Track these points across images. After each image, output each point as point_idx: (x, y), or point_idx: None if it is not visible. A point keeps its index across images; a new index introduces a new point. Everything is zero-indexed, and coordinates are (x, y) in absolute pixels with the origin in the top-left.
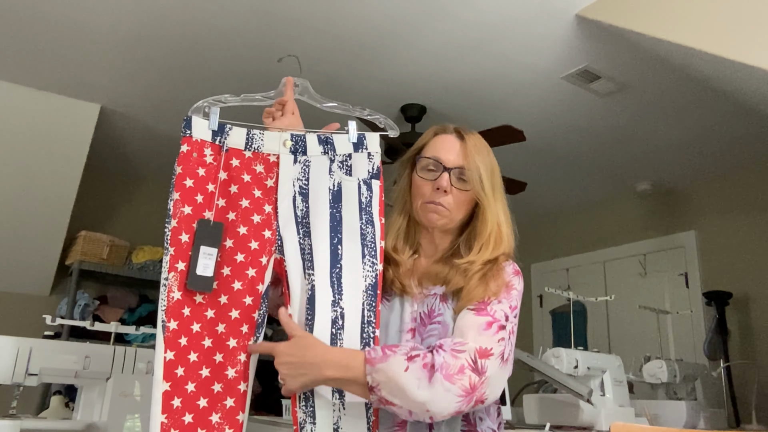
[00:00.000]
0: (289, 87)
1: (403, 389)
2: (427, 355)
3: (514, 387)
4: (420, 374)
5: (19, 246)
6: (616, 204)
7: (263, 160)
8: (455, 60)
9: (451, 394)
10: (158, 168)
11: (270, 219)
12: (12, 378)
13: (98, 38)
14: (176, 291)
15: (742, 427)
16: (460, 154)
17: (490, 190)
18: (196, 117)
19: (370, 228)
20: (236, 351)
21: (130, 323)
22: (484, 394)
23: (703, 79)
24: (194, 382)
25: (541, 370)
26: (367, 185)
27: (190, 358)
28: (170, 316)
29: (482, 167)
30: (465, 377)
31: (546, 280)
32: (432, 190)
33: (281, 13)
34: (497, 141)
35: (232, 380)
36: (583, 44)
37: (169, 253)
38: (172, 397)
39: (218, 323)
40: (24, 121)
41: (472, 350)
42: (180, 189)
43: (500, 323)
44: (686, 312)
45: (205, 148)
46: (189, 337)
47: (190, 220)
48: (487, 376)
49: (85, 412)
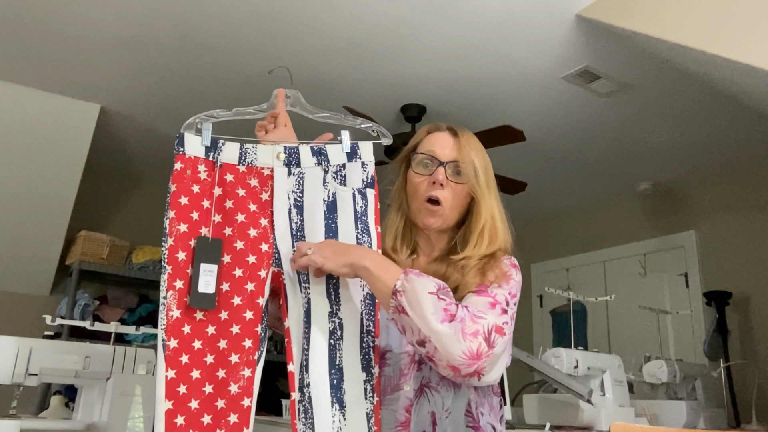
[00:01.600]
0: (281, 99)
1: (421, 307)
2: (452, 304)
3: (514, 387)
4: (439, 309)
5: (19, 246)
6: (616, 204)
7: (257, 174)
8: (455, 60)
9: (459, 347)
10: (158, 168)
11: (266, 232)
12: (12, 378)
13: (98, 38)
14: (175, 309)
15: (742, 427)
16: (454, 149)
17: (484, 184)
18: (188, 134)
19: (366, 237)
20: (239, 366)
21: (130, 323)
22: (485, 368)
23: (704, 79)
24: (197, 399)
25: (541, 370)
26: (362, 194)
27: (192, 375)
28: (170, 335)
29: (477, 161)
30: (476, 342)
31: (546, 280)
32: (428, 185)
33: (281, 13)
34: (497, 141)
35: (235, 396)
36: (583, 44)
37: (166, 272)
38: (175, 416)
39: (220, 339)
40: (24, 121)
41: (491, 323)
42: (175, 207)
43: (502, 306)
44: (686, 312)
45: (198, 165)
46: (190, 355)
47: (186, 238)
48: (494, 351)
49: (85, 412)
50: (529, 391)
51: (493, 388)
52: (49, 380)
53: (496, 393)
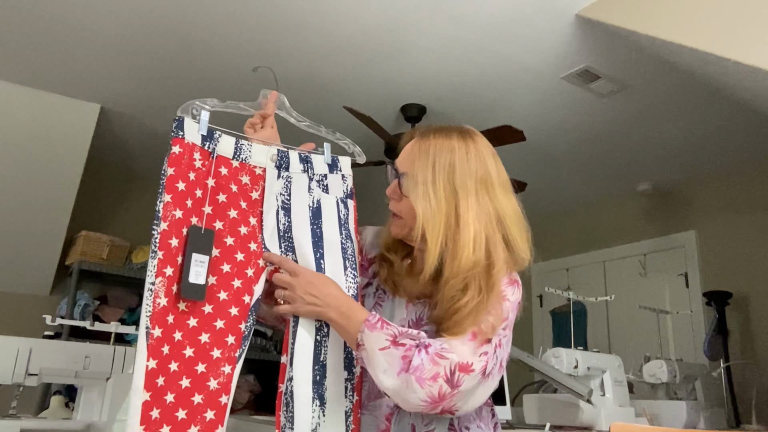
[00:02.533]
0: (272, 101)
1: (373, 365)
2: (412, 349)
3: (514, 387)
4: (393, 362)
5: (19, 246)
6: (616, 204)
7: (249, 172)
8: (455, 60)
9: (416, 396)
10: (158, 168)
11: (255, 232)
12: (12, 378)
13: (98, 38)
14: (162, 297)
15: (742, 427)
16: (406, 158)
17: (431, 192)
18: (188, 119)
19: (349, 243)
20: (220, 362)
21: (130, 323)
22: (454, 406)
23: (703, 79)
24: (173, 392)
25: (541, 370)
26: (344, 203)
27: (170, 367)
28: (155, 323)
29: (419, 167)
30: (436, 386)
31: (546, 280)
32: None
33: (281, 13)
34: (497, 141)
35: (213, 392)
36: (583, 44)
37: (157, 257)
38: (151, 408)
39: (201, 332)
40: (24, 121)
41: (454, 363)
42: (172, 191)
43: (486, 336)
44: (686, 312)
45: (194, 152)
46: (171, 346)
47: (180, 225)
48: (460, 390)
49: (85, 412)
50: (529, 391)
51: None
52: (49, 380)
53: (487, 403)
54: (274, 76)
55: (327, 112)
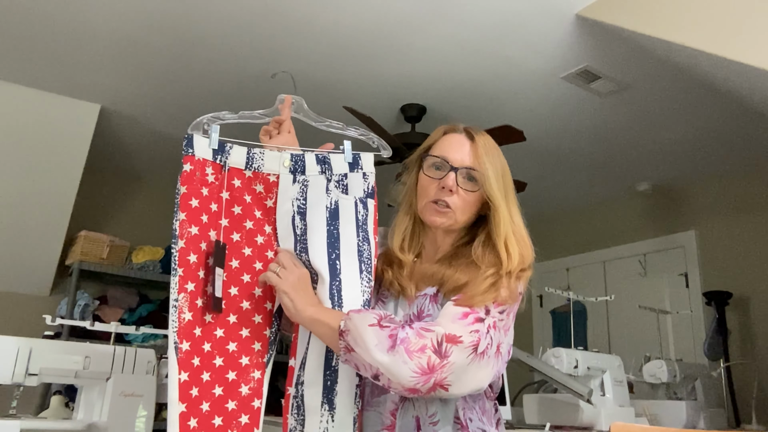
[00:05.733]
0: (287, 105)
1: (364, 340)
2: (397, 328)
3: (514, 387)
4: (382, 338)
5: (19, 246)
6: (616, 204)
7: (263, 180)
8: (455, 60)
9: (407, 368)
10: (158, 168)
11: (271, 240)
12: (12, 378)
13: (98, 38)
14: (187, 312)
15: (742, 427)
16: (468, 154)
17: (500, 191)
18: (197, 135)
19: (366, 245)
20: (249, 368)
21: (130, 323)
22: (445, 379)
23: (704, 79)
24: (208, 401)
25: (541, 370)
26: (363, 203)
27: (203, 377)
28: (182, 337)
29: (491, 169)
30: (425, 356)
31: (546, 280)
32: (437, 189)
33: (281, 13)
34: (497, 141)
35: (245, 397)
36: (583, 44)
37: (177, 274)
38: (188, 418)
39: (229, 342)
40: (24, 121)
41: (440, 334)
42: (186, 209)
43: (478, 315)
44: (686, 312)
45: (206, 167)
46: (201, 357)
47: (197, 241)
48: (449, 361)
49: (85, 412)
50: (529, 391)
51: (486, 392)
52: (49, 380)
53: (490, 397)
54: (293, 81)
55: (327, 113)
